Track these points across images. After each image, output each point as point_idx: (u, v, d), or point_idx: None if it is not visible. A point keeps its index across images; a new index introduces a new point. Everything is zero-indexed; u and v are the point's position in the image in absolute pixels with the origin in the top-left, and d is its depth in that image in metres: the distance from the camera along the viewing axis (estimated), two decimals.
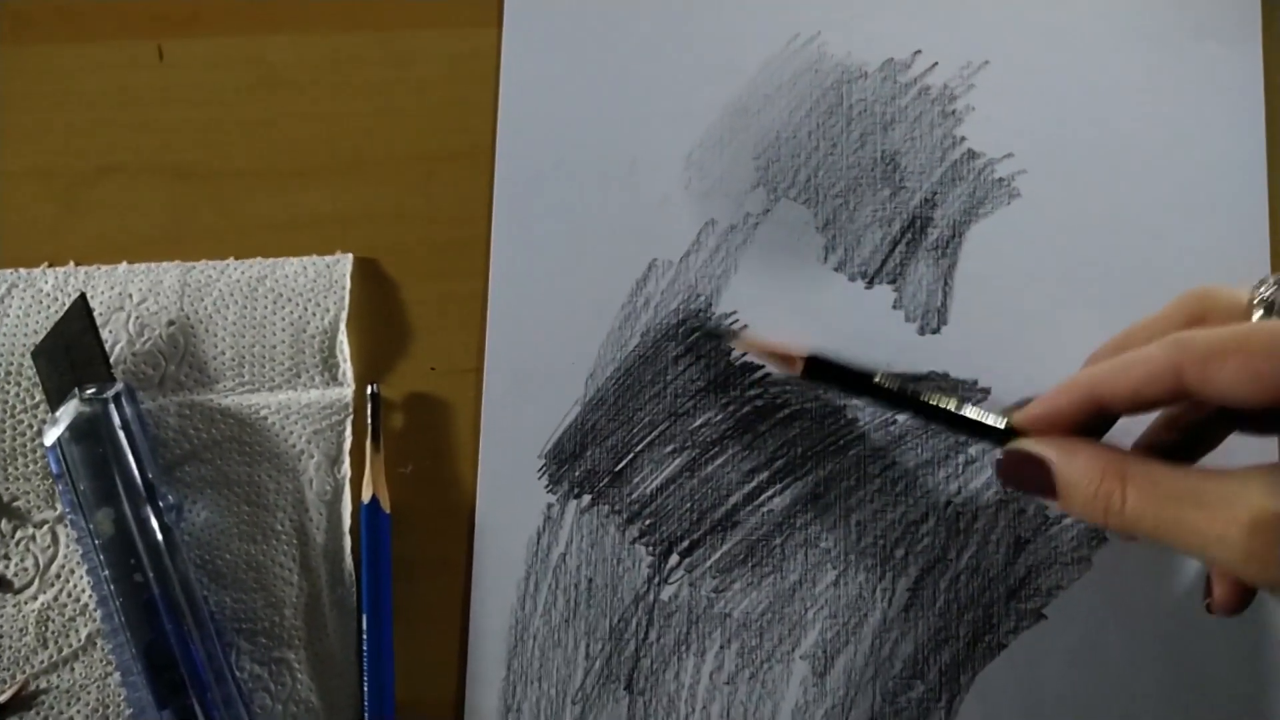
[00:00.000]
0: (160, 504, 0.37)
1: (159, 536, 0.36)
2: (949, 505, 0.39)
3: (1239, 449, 0.32)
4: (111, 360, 0.39)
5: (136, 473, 0.37)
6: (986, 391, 0.40)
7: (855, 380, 0.34)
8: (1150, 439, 0.34)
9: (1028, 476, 0.31)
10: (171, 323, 0.40)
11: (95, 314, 0.38)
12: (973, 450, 0.40)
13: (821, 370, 0.34)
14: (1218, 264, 0.40)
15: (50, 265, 0.41)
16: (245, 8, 0.42)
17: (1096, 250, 0.41)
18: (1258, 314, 0.31)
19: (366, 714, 0.38)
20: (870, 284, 0.41)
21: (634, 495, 0.40)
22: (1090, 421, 0.31)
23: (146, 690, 0.35)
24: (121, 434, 0.37)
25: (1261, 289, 0.31)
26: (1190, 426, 0.33)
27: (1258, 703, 0.38)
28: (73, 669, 0.38)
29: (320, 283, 0.40)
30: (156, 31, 0.42)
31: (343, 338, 0.40)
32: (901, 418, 0.40)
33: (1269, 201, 0.41)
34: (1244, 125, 0.42)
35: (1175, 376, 0.28)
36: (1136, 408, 0.30)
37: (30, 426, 0.39)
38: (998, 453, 0.31)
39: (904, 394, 0.33)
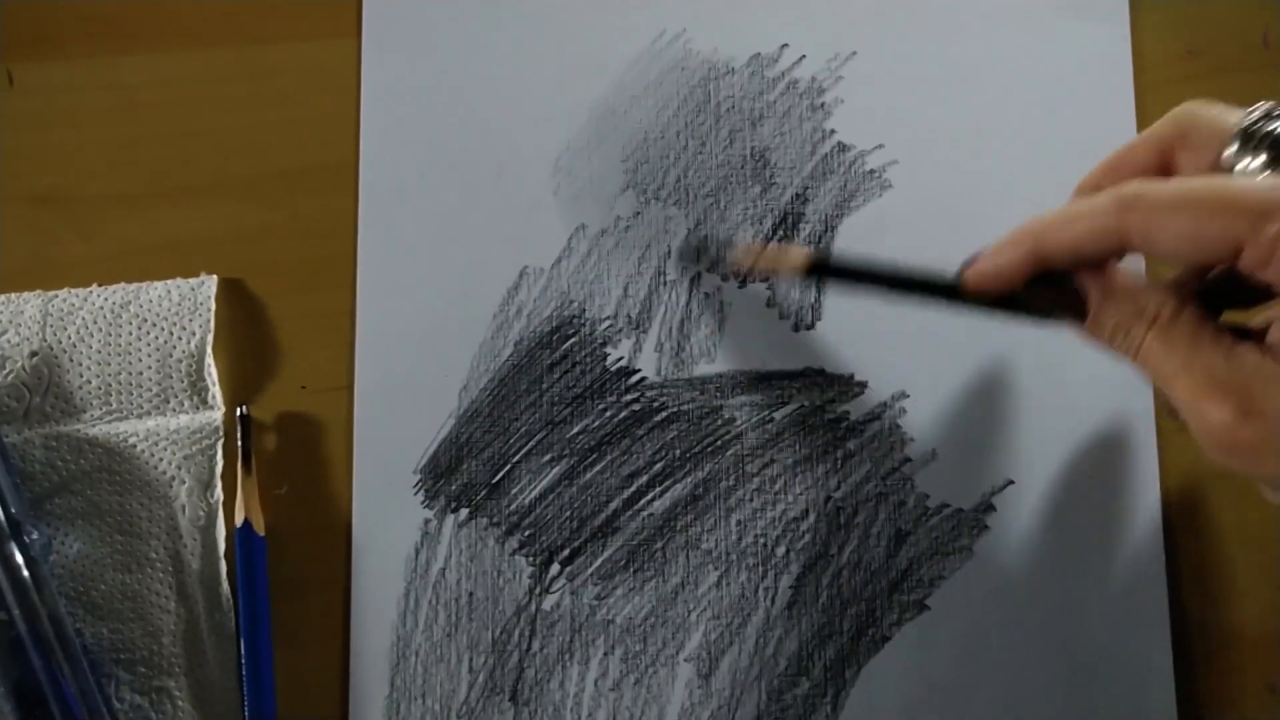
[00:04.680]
0: (26, 539, 0.36)
1: (24, 573, 0.36)
2: (829, 501, 0.39)
3: None
4: None
5: None
6: (863, 386, 0.40)
7: (857, 273, 0.35)
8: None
9: (1062, 304, 0.31)
10: (34, 354, 0.39)
11: None
12: (851, 445, 0.40)
13: (824, 268, 0.35)
14: None
15: None
16: (96, 28, 0.41)
17: (969, 237, 0.40)
18: (1233, 145, 0.30)
19: None
20: (743, 283, 0.40)
21: (512, 506, 0.39)
22: (1037, 275, 0.31)
23: None
24: None
25: (1249, 117, 0.30)
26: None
27: (1138, 687, 0.38)
28: None
29: (185, 306, 0.40)
30: (6, 56, 0.41)
31: (210, 360, 0.39)
32: (778, 415, 0.40)
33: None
34: (1114, 104, 0.42)
35: (1118, 235, 0.29)
36: (1080, 263, 0.30)
37: None
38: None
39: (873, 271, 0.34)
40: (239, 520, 0.38)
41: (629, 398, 0.40)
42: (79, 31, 0.41)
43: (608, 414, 0.40)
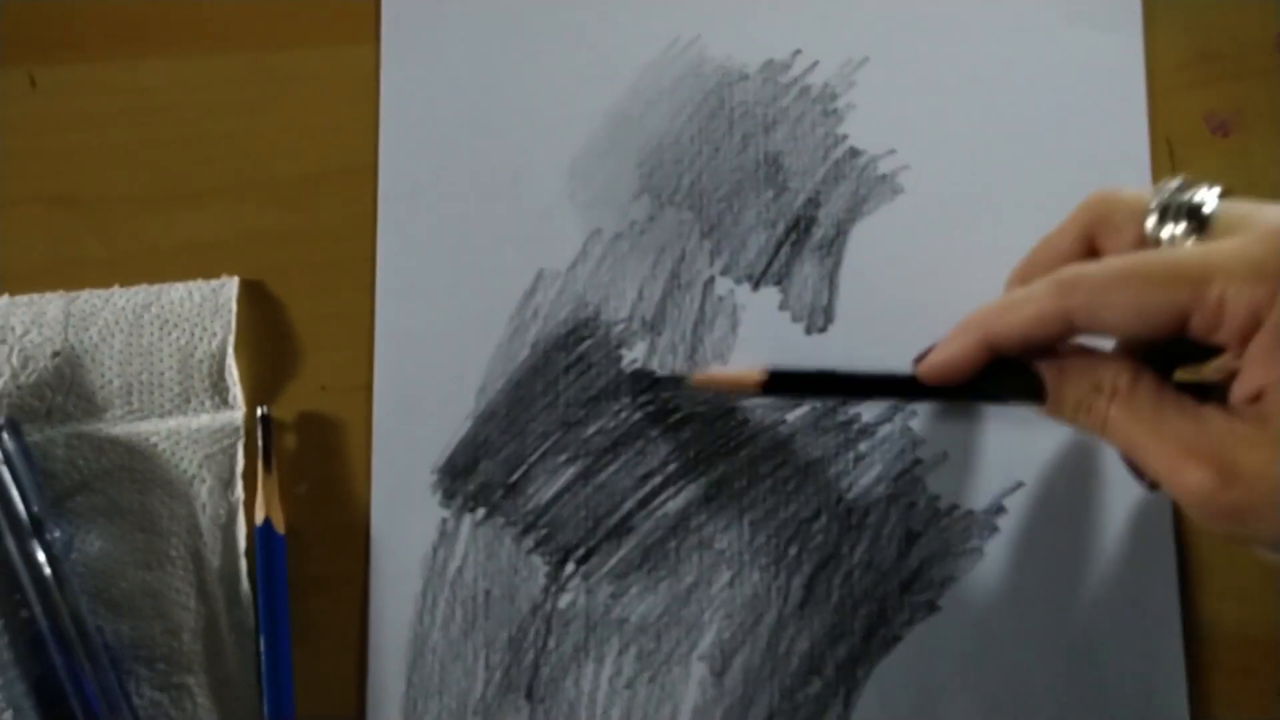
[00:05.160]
0: (47, 537, 0.37)
1: (46, 570, 0.37)
2: (840, 501, 0.40)
3: None
4: None
5: (21, 507, 0.37)
6: None
7: (813, 381, 0.36)
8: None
9: (1019, 389, 0.31)
10: (56, 354, 0.40)
11: None
12: (863, 446, 0.40)
13: (781, 382, 0.36)
14: None
15: None
16: (118, 32, 0.42)
17: (980, 243, 0.41)
18: (1152, 219, 0.31)
19: None
20: (756, 286, 0.41)
21: (529, 506, 0.40)
22: (987, 363, 0.31)
23: None
24: (4, 469, 0.37)
25: (1161, 194, 0.31)
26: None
27: (1149, 689, 0.38)
28: None
29: (206, 307, 0.40)
30: (27, 59, 0.42)
31: (231, 361, 0.40)
32: (790, 417, 0.40)
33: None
34: (1127, 110, 0.42)
35: (1063, 318, 0.29)
36: (1029, 350, 0.31)
37: None
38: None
39: (848, 379, 0.36)
40: (259, 519, 0.39)
41: (643, 399, 0.40)
42: (100, 35, 0.42)
43: (622, 415, 0.40)
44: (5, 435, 0.37)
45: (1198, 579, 0.39)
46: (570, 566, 0.39)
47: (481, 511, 0.40)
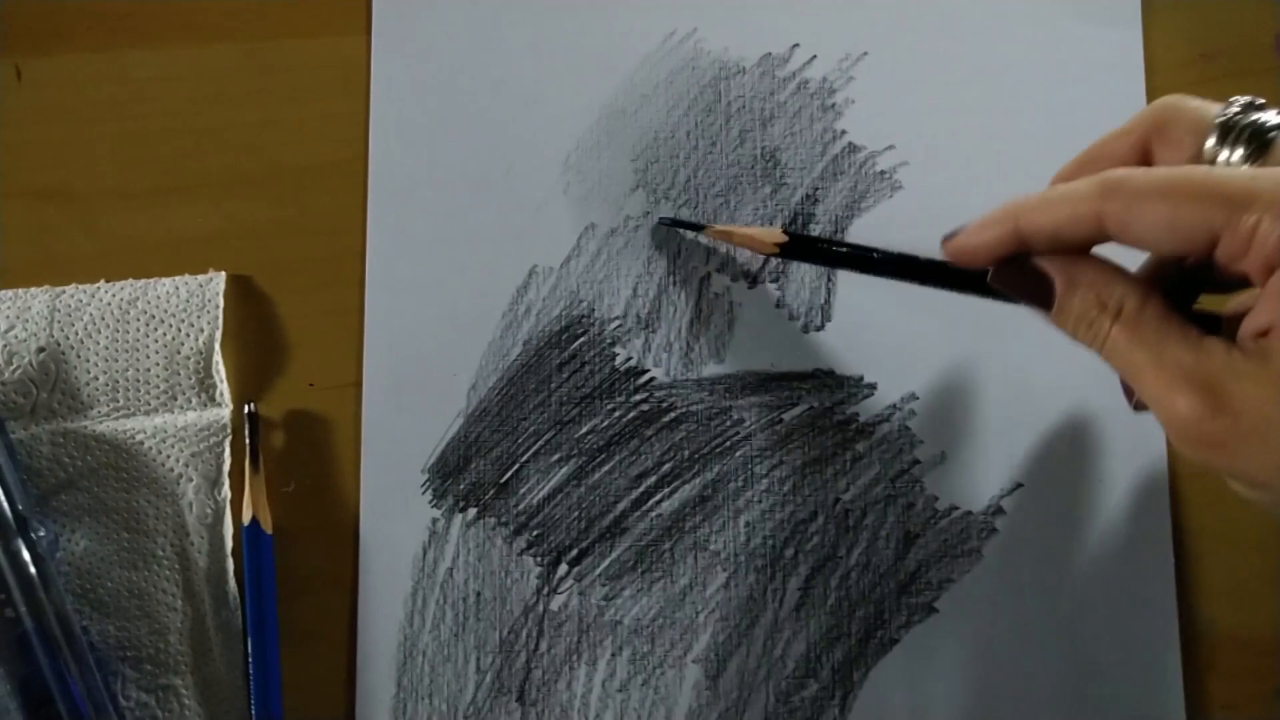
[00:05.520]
0: (33, 536, 0.36)
1: (31, 569, 0.36)
2: (837, 503, 0.39)
3: None
4: None
5: (6, 506, 0.36)
6: (872, 387, 0.40)
7: (830, 251, 0.36)
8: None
9: (1029, 290, 0.30)
10: (42, 349, 0.39)
11: None
12: (860, 446, 0.40)
13: (799, 246, 0.37)
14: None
15: None
16: (106, 23, 0.41)
17: None
18: (1212, 138, 0.29)
19: None
20: (753, 284, 0.40)
21: (520, 506, 0.39)
22: (1016, 253, 0.30)
23: None
24: None
25: (1229, 109, 0.30)
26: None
27: (1147, 690, 0.38)
28: None
29: (193, 302, 0.40)
30: (14, 50, 0.41)
31: (218, 357, 0.39)
32: (787, 416, 0.40)
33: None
34: (1126, 108, 0.41)
35: (1096, 221, 0.28)
36: (1059, 247, 0.29)
37: None
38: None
39: (863, 252, 0.35)
40: (246, 518, 0.38)
41: (638, 398, 0.40)
42: (87, 26, 0.41)
43: (616, 414, 0.40)
44: None
45: (1195, 580, 0.39)
46: (563, 568, 0.39)
47: (472, 511, 0.39)
